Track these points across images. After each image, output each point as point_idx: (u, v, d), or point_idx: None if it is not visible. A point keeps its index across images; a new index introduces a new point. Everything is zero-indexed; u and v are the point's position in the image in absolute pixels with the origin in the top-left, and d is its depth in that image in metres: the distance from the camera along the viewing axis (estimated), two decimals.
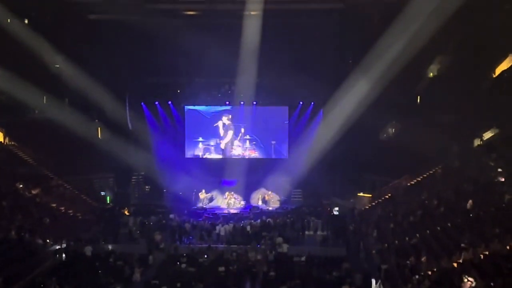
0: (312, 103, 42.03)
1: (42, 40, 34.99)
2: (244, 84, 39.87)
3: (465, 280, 19.03)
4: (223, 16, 37.00)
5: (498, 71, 33.79)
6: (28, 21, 37.29)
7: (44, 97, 39.42)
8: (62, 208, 34.38)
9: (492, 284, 18.51)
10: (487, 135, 34.30)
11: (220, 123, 42.59)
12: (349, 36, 37.14)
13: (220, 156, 43.08)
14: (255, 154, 43.09)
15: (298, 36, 38.08)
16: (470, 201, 26.72)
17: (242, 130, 42.75)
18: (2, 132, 37.97)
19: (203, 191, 39.86)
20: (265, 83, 40.78)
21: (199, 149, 43.13)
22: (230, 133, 42.74)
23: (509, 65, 32.97)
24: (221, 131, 42.72)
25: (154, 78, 41.47)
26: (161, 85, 42.17)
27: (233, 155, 42.92)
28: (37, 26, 35.71)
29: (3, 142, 38.00)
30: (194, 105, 42.82)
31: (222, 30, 36.50)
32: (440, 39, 33.77)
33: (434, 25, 30.94)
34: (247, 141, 42.90)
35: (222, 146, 42.91)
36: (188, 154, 43.23)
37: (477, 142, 34.91)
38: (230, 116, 42.57)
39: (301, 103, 42.26)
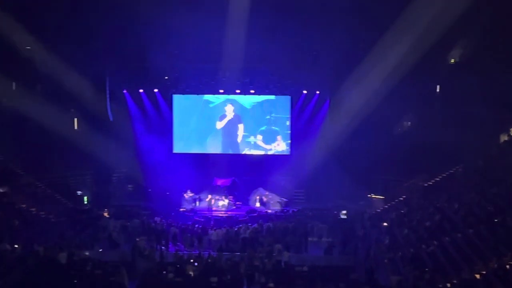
0: (317, 92, 41.98)
1: (11, 19, 34.86)
2: (239, 71, 39.80)
3: None
4: None
5: None
6: None
7: (13, 84, 39.37)
8: (33, 209, 34.38)
9: None
10: None
11: (227, 114, 42.81)
12: (360, 16, 36.94)
13: (259, 152, 43.07)
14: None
15: (301, 14, 37.55)
16: None
17: (287, 122, 42.63)
18: None
19: (188, 191, 39.95)
20: (264, 69, 40.69)
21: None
22: (241, 127, 42.77)
23: None
24: (220, 124, 42.72)
25: (138, 63, 41.14)
26: (146, 71, 41.81)
27: (277, 151, 42.91)
28: (5, 2, 35.57)
29: None
30: (183, 93, 42.74)
31: (216, 8, 36.27)
32: (464, 20, 33.68)
33: (458, 3, 30.87)
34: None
35: (239, 140, 42.96)
36: (177, 149, 43.21)
37: (503, 137, 34.99)
38: (233, 108, 42.68)
39: (304, 92, 42.21)
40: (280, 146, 42.55)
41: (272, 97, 42.24)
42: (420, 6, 32.38)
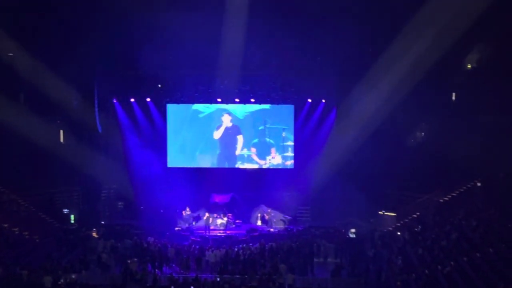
0: (323, 101, 42.04)
1: None
2: (238, 78, 39.81)
3: None
4: None
5: None
6: None
7: None
8: (16, 229, 34.41)
9: None
10: None
11: (223, 125, 42.86)
12: (369, 17, 36.98)
13: (255, 166, 43.12)
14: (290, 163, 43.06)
15: (305, 15, 37.39)
16: None
17: (283, 134, 42.61)
18: None
19: (187, 208, 40.00)
20: (265, 76, 40.69)
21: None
22: (240, 138, 42.79)
23: None
24: (217, 135, 42.78)
25: (129, 69, 41.00)
26: (138, 78, 41.72)
27: (272, 165, 42.95)
28: None
29: None
30: (178, 103, 42.74)
31: (212, 9, 36.29)
32: (482, 22, 33.75)
33: (474, 5, 30.96)
34: (289, 148, 42.87)
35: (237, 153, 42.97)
36: (171, 163, 43.21)
37: None
38: (230, 118, 42.72)
39: (309, 101, 42.27)
40: (276, 159, 42.60)
41: (267, 106, 42.33)
42: (435, 7, 32.44)
